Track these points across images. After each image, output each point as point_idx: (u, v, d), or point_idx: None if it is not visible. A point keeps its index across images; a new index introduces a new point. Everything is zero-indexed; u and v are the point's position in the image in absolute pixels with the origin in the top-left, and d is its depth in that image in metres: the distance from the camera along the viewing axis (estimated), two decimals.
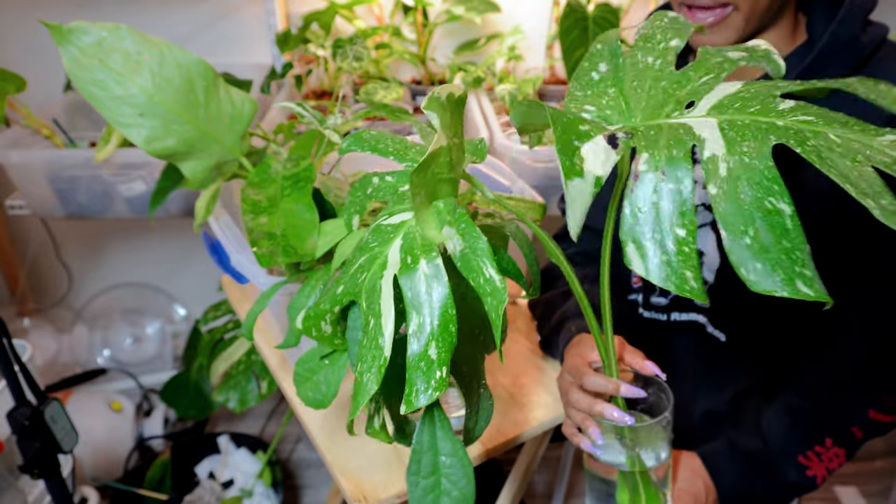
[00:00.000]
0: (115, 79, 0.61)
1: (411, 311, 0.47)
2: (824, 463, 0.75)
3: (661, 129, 0.45)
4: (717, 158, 0.41)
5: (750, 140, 0.41)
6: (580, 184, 0.41)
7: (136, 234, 1.84)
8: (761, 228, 0.38)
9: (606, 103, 0.52)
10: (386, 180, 0.61)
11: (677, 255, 0.40)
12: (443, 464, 0.54)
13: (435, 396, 0.45)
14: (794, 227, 0.38)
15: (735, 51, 0.51)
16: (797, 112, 0.42)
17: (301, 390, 0.63)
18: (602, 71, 0.55)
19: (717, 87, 0.47)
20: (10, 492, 1.00)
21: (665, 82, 0.50)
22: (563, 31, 1.33)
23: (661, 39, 0.54)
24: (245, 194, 0.68)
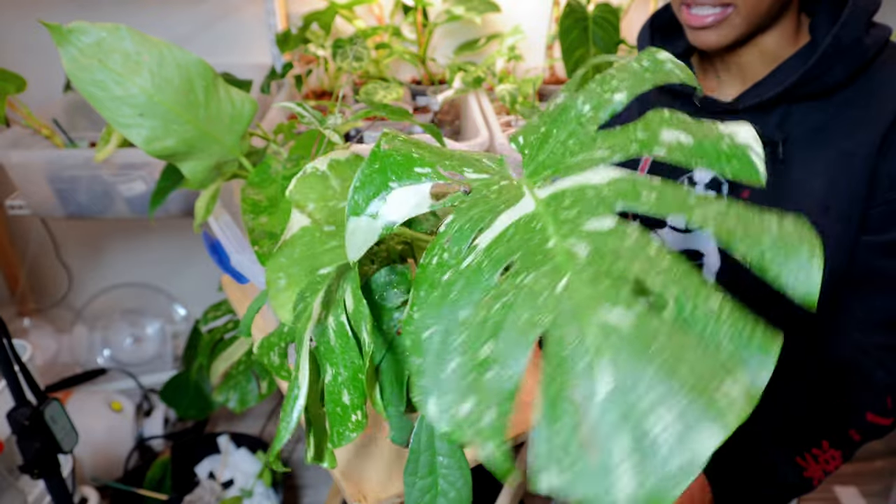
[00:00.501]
0: (115, 79, 0.61)
1: (325, 363, 0.50)
2: (821, 465, 0.75)
3: (499, 196, 0.42)
4: (475, 248, 0.38)
5: (505, 248, 0.37)
6: (369, 223, 0.41)
7: (136, 234, 1.84)
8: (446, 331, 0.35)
9: (531, 140, 0.48)
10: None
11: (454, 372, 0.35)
12: (440, 464, 0.54)
13: (352, 437, 0.48)
14: None
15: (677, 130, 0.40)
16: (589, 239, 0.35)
17: None
18: (556, 102, 0.50)
19: (591, 171, 0.40)
20: (10, 492, 1.00)
21: (573, 140, 0.45)
22: (563, 31, 1.33)
23: (611, 88, 0.46)
24: (245, 194, 0.68)
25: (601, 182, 0.38)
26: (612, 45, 1.32)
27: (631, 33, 1.64)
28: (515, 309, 0.33)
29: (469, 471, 0.54)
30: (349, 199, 0.42)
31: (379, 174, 0.42)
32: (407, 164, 0.43)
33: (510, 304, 0.34)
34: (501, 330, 0.34)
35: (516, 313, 0.33)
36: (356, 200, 0.42)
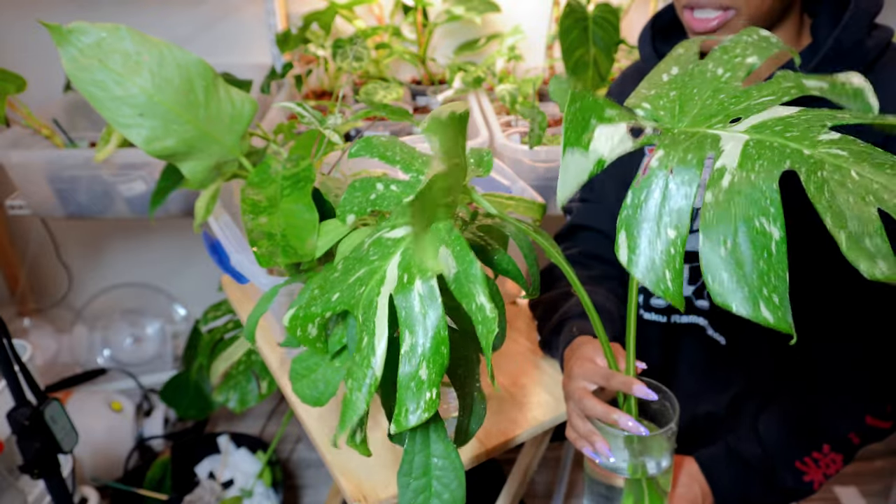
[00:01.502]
0: (115, 79, 0.61)
1: (405, 330, 0.47)
2: (821, 469, 0.75)
3: (691, 135, 0.46)
4: (724, 170, 0.42)
5: (765, 160, 0.41)
6: (580, 157, 0.43)
7: (136, 234, 1.84)
8: (742, 243, 0.39)
9: (663, 104, 0.53)
10: (391, 189, 0.60)
11: (663, 254, 0.41)
12: (434, 465, 0.54)
13: (424, 417, 0.45)
14: (779, 253, 0.38)
15: (815, 80, 0.49)
16: (835, 145, 0.41)
17: (297, 387, 0.63)
18: (672, 73, 0.56)
19: (771, 109, 0.46)
20: (10, 492, 1.00)
21: (724, 95, 0.50)
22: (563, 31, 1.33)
23: (738, 54, 0.53)
24: (245, 194, 0.68)
25: (793, 113, 0.45)
26: (612, 45, 1.32)
27: (631, 33, 1.64)
28: (837, 194, 0.38)
29: (463, 472, 0.53)
30: (564, 133, 0.44)
31: (581, 112, 0.45)
32: (598, 106, 0.46)
33: (831, 189, 0.39)
34: (843, 210, 0.38)
35: (842, 197, 0.38)
36: (569, 133, 0.43)
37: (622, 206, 0.43)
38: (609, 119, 0.45)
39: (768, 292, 0.38)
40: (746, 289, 0.38)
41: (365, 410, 0.47)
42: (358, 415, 0.47)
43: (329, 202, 0.68)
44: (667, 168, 0.42)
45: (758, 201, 0.39)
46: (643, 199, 0.42)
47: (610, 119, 0.45)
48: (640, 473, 0.63)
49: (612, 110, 0.46)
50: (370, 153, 0.63)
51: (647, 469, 0.63)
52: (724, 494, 0.75)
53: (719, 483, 0.76)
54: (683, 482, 0.75)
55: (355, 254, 0.54)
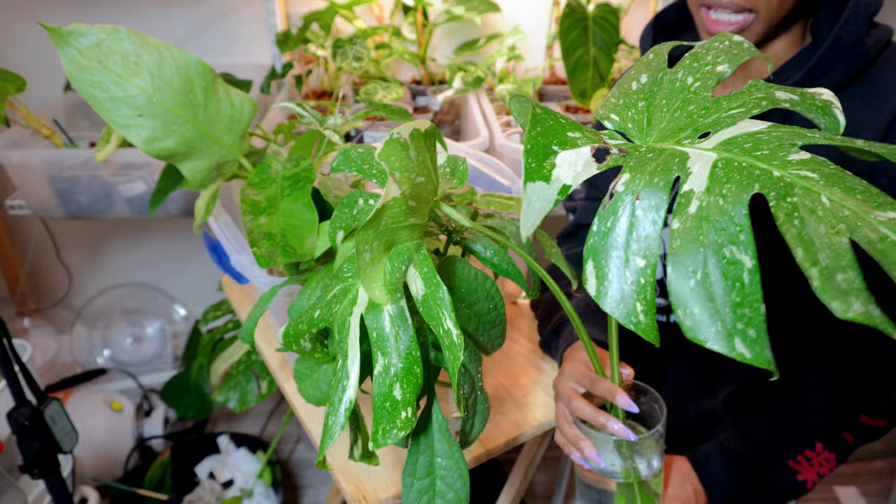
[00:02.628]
0: (114, 80, 0.61)
1: (376, 351, 0.47)
2: (815, 468, 0.75)
3: (658, 154, 0.44)
4: (692, 194, 0.40)
5: (733, 184, 0.39)
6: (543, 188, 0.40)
7: (136, 234, 1.84)
8: (713, 273, 0.36)
9: (631, 116, 0.51)
10: (370, 203, 0.60)
11: (633, 284, 0.39)
12: (438, 465, 0.54)
13: (400, 437, 0.45)
14: (752, 283, 0.36)
15: (784, 92, 0.47)
16: (805, 166, 0.39)
17: (302, 387, 0.63)
18: (642, 82, 0.54)
19: (741, 123, 0.45)
20: (10, 492, 1.00)
21: (693, 107, 0.48)
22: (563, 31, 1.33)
23: (709, 62, 0.51)
24: (245, 194, 0.68)
25: (763, 129, 0.43)
26: (612, 45, 1.32)
27: (631, 33, 1.64)
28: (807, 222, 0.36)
29: (467, 472, 0.53)
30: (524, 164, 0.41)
31: (542, 137, 0.42)
32: (561, 129, 0.44)
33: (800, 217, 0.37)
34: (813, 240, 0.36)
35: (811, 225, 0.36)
36: (530, 164, 0.41)
37: (588, 234, 0.41)
38: (572, 143, 0.43)
39: (743, 326, 0.36)
40: (720, 323, 0.36)
41: (339, 434, 0.47)
42: (333, 439, 0.47)
43: (329, 202, 0.68)
44: (633, 193, 0.40)
45: (727, 228, 0.37)
46: (610, 227, 0.40)
47: (573, 143, 0.43)
48: (632, 477, 0.63)
49: (574, 132, 0.44)
50: (348, 167, 0.61)
51: (639, 471, 0.63)
52: (716, 493, 0.75)
53: (712, 482, 0.76)
54: (675, 482, 0.75)
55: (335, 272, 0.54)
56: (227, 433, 1.59)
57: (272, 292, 0.69)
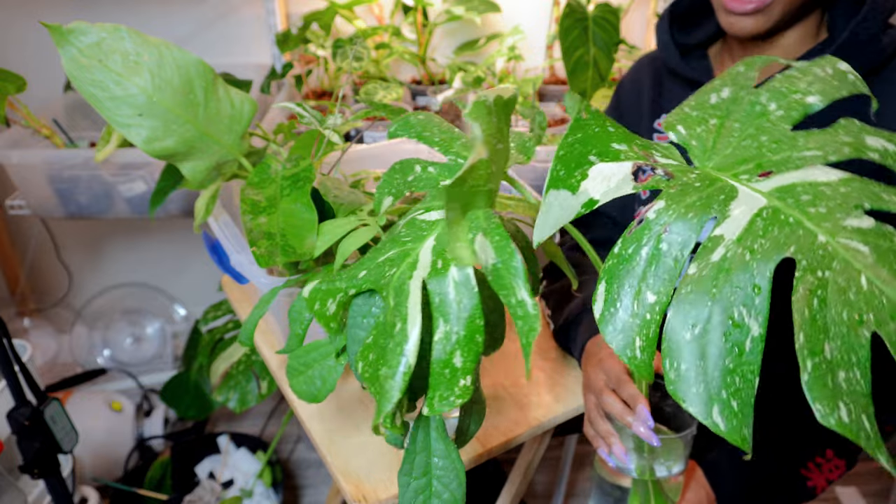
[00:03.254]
0: (115, 79, 0.61)
1: (438, 317, 0.45)
2: (825, 474, 0.75)
3: (705, 186, 0.40)
4: (720, 240, 0.36)
5: (769, 240, 0.35)
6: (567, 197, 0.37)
7: (136, 234, 1.84)
8: (713, 331, 0.34)
9: (700, 132, 0.47)
10: (428, 171, 0.57)
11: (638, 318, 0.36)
12: (435, 465, 0.53)
13: (457, 403, 0.43)
14: (752, 352, 0.33)
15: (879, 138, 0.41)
16: (859, 236, 0.34)
17: (294, 383, 0.63)
18: (722, 97, 0.49)
19: (810, 168, 0.40)
20: (10, 492, 1.00)
21: (766, 137, 0.44)
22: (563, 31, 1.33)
23: (800, 89, 0.46)
24: (244, 194, 0.68)
25: (832, 180, 0.39)
26: (612, 45, 1.32)
27: (631, 33, 1.64)
28: (830, 305, 0.33)
29: (464, 472, 0.53)
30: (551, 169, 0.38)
31: (580, 145, 0.39)
32: (605, 138, 0.40)
33: (823, 297, 0.33)
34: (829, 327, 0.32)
35: (834, 309, 0.33)
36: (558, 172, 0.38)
37: (609, 254, 0.38)
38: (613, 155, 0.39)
39: (727, 395, 0.33)
40: (703, 385, 0.33)
41: (399, 398, 0.45)
42: (392, 403, 0.45)
43: (328, 202, 0.68)
44: (663, 225, 0.37)
45: (743, 287, 0.34)
46: (631, 253, 0.37)
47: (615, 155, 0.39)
48: (647, 475, 0.63)
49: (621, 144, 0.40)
50: (408, 133, 0.59)
51: (658, 472, 0.63)
52: (727, 500, 0.75)
53: (723, 489, 0.75)
54: (691, 487, 0.75)
55: (391, 236, 0.52)
56: (227, 433, 1.59)
57: (272, 294, 0.69)
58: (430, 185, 0.57)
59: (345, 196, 0.69)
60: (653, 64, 0.92)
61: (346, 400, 0.85)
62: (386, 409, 0.45)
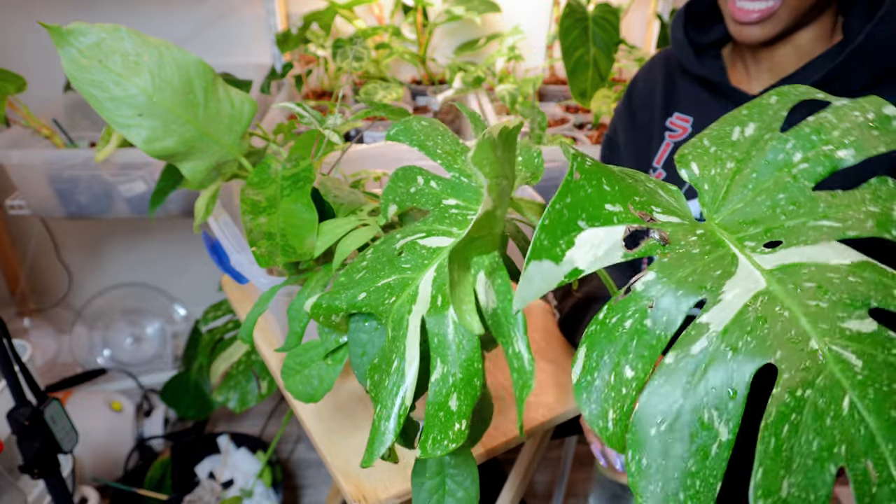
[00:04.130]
0: (114, 80, 0.61)
1: (436, 357, 0.44)
2: None
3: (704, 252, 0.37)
4: (704, 329, 0.34)
5: (756, 339, 0.33)
6: (549, 268, 0.35)
7: (136, 234, 1.84)
8: (680, 430, 0.32)
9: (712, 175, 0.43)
10: (431, 186, 0.55)
11: (612, 390, 0.34)
12: (447, 464, 0.53)
13: (451, 448, 0.42)
14: (718, 458, 0.31)
15: None
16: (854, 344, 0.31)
17: (289, 382, 0.63)
18: (745, 134, 0.44)
19: (823, 245, 0.36)
20: (10, 492, 1.00)
21: (784, 195, 0.39)
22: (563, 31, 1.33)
23: (833, 139, 0.40)
24: (244, 194, 0.68)
25: (842, 264, 0.35)
26: (612, 45, 1.32)
27: (631, 33, 1.64)
28: (802, 432, 0.30)
29: (476, 470, 0.53)
30: (534, 238, 0.35)
31: (569, 210, 0.36)
32: (598, 200, 0.37)
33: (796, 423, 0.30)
34: (793, 458, 0.30)
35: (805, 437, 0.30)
36: (542, 241, 0.35)
37: (593, 319, 0.36)
38: (606, 218, 0.36)
39: (685, 497, 0.31)
40: (661, 484, 0.31)
41: (392, 441, 0.44)
42: (385, 446, 0.43)
43: (328, 202, 0.68)
44: (650, 300, 0.35)
45: (719, 389, 0.32)
46: (615, 324, 0.35)
47: (607, 219, 0.36)
48: None
49: (615, 205, 0.37)
50: (409, 140, 0.57)
51: None
52: None
53: None
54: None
55: (385, 248, 0.50)
56: (227, 433, 1.59)
57: (271, 293, 0.69)
58: (432, 202, 0.55)
59: (345, 196, 0.69)
60: (666, 62, 0.93)
61: (346, 399, 0.85)
62: (379, 451, 0.44)
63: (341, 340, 0.60)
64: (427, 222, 0.52)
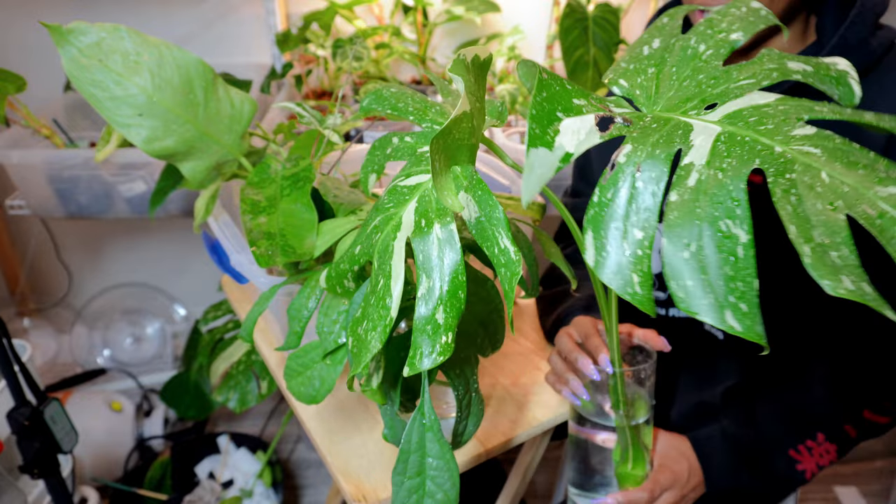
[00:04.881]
0: (115, 79, 0.61)
1: (422, 274, 0.46)
2: (815, 458, 0.75)
3: (662, 125, 0.44)
4: (691, 167, 0.40)
5: (735, 158, 0.39)
6: (545, 154, 0.39)
7: (136, 234, 1.84)
8: (707, 246, 0.36)
9: (640, 83, 0.50)
10: (405, 141, 0.60)
11: (631, 256, 0.39)
12: (429, 465, 0.53)
13: (439, 361, 0.44)
14: (746, 257, 0.36)
15: (798, 62, 0.46)
16: (809, 141, 0.39)
17: (291, 384, 0.63)
18: (654, 47, 0.53)
19: (748, 95, 0.45)
20: (10, 492, 1.00)
21: (703, 76, 0.48)
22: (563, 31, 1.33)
23: (723, 29, 0.51)
24: (244, 194, 0.68)
25: (770, 102, 0.43)
26: (612, 45, 1.32)
27: (631, 33, 1.64)
28: (804, 199, 0.37)
29: (458, 473, 0.53)
30: (528, 129, 0.40)
31: (548, 103, 0.42)
32: (566, 95, 0.43)
33: (798, 194, 0.37)
34: (809, 217, 0.36)
35: (809, 202, 0.36)
36: (534, 130, 0.40)
37: (589, 204, 0.40)
38: (577, 110, 0.42)
39: (735, 299, 0.35)
40: (712, 296, 0.36)
41: (379, 349, 0.46)
42: (372, 353, 0.46)
43: (328, 202, 0.68)
44: (634, 165, 0.40)
45: (724, 202, 0.37)
46: (610, 198, 0.40)
47: (578, 110, 0.42)
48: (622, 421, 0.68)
49: (580, 99, 0.43)
50: (381, 106, 0.61)
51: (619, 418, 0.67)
52: (713, 475, 0.76)
53: (711, 464, 0.76)
54: (672, 456, 0.75)
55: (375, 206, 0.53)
56: (227, 433, 1.60)
57: (271, 292, 0.69)
58: (408, 153, 0.59)
59: (345, 196, 0.69)
60: None
61: (346, 400, 0.85)
62: (365, 358, 0.47)
63: (340, 340, 0.60)
64: (405, 168, 0.55)
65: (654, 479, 0.71)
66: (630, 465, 0.69)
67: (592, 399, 0.69)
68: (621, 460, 0.70)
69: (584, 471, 0.73)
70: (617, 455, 0.70)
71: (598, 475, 0.72)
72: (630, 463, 0.69)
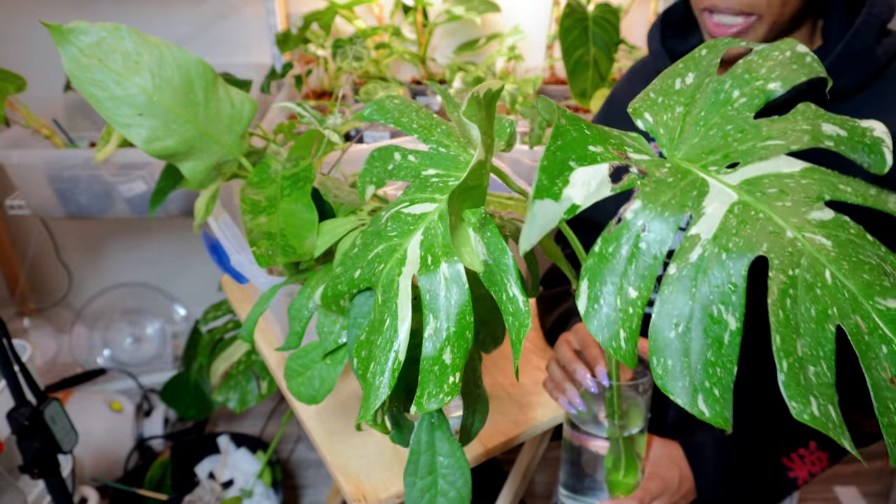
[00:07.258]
0: (115, 79, 0.61)
1: (428, 313, 0.46)
2: (807, 466, 0.75)
3: (679, 180, 0.42)
4: (697, 240, 0.38)
5: (742, 238, 0.37)
6: (551, 206, 0.38)
7: (136, 234, 1.84)
8: (695, 329, 0.36)
9: (665, 120, 0.48)
10: (409, 160, 0.58)
11: (620, 312, 0.38)
12: (440, 464, 0.53)
13: (446, 401, 0.44)
14: (731, 344, 0.35)
15: (833, 125, 0.44)
16: (823, 230, 0.37)
17: (292, 384, 0.63)
18: (686, 83, 0.51)
19: (772, 161, 0.42)
20: (10, 492, 1.00)
21: (731, 126, 0.46)
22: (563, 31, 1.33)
23: (761, 76, 0.47)
24: (244, 194, 0.68)
25: (794, 172, 0.41)
26: (612, 45, 1.32)
27: (631, 33, 1.64)
28: (800, 302, 0.35)
29: (469, 470, 0.53)
30: (535, 180, 0.39)
31: (560, 152, 0.40)
32: (582, 142, 0.41)
33: (794, 296, 0.35)
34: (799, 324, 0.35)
35: (804, 306, 0.35)
36: (542, 181, 0.38)
37: (589, 253, 0.39)
38: (591, 158, 0.40)
39: (710, 385, 0.35)
40: (688, 378, 0.36)
41: (387, 395, 0.46)
42: (380, 400, 0.46)
43: (328, 202, 0.68)
44: (640, 225, 0.39)
45: (721, 286, 0.36)
46: (611, 252, 0.39)
47: (592, 158, 0.40)
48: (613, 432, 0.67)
49: (597, 146, 0.41)
50: (384, 118, 0.59)
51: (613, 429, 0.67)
52: (704, 481, 0.75)
53: (703, 471, 0.75)
54: (663, 463, 0.75)
55: (373, 228, 0.52)
56: (227, 433, 1.59)
57: (272, 292, 0.69)
58: (411, 174, 0.57)
59: (345, 196, 0.69)
60: (644, 70, 0.92)
61: (346, 400, 0.85)
62: (374, 405, 0.46)
63: (340, 341, 0.60)
64: (409, 193, 0.54)
65: (644, 487, 0.71)
66: (622, 473, 0.69)
67: (588, 409, 0.69)
68: (613, 468, 0.70)
69: (575, 474, 0.73)
70: (609, 462, 0.70)
71: (590, 480, 0.73)
72: (622, 471, 0.69)
